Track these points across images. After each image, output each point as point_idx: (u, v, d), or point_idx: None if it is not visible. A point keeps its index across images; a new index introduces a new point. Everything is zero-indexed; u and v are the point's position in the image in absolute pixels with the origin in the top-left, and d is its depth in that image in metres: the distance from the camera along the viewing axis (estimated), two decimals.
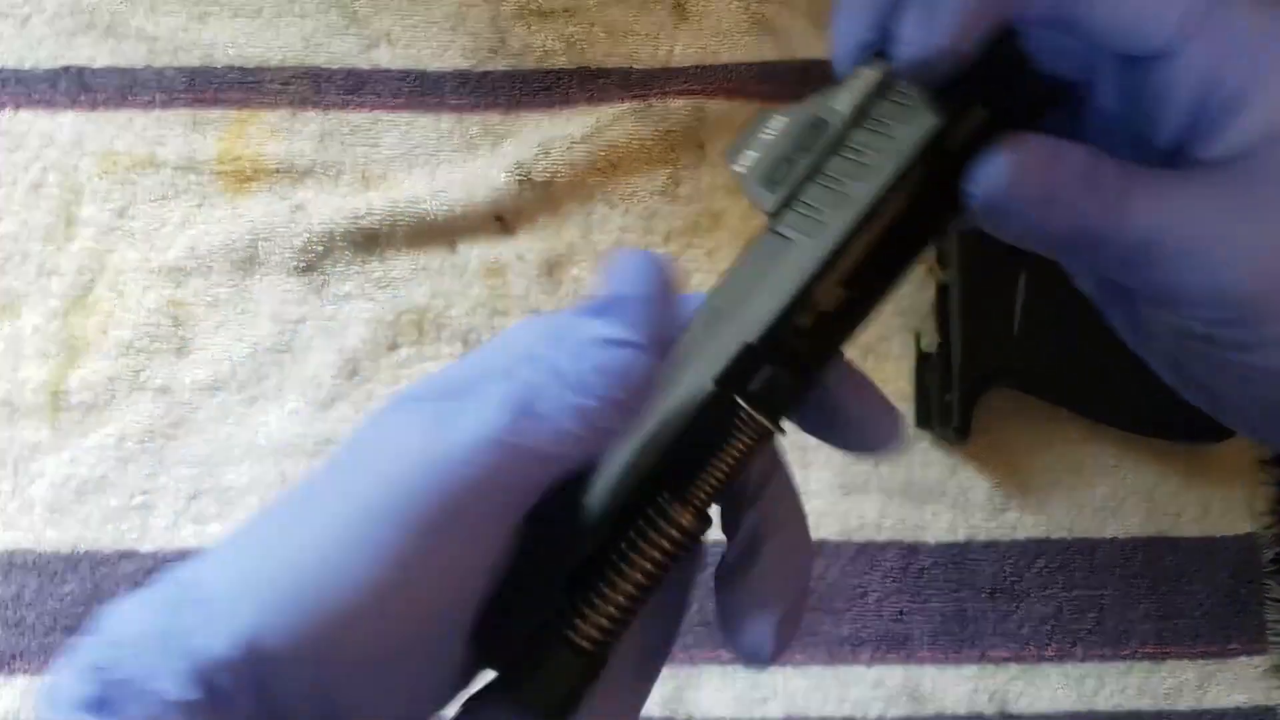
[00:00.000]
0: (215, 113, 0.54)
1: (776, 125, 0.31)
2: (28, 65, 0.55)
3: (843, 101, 0.30)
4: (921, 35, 0.27)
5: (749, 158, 0.31)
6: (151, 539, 0.52)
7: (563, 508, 0.28)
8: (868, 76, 0.30)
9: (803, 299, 0.29)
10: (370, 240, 0.54)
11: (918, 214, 0.29)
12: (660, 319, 0.27)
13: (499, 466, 0.25)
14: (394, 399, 0.28)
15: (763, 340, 0.28)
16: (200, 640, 0.24)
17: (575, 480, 0.28)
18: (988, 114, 0.29)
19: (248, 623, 0.24)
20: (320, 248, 0.53)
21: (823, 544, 0.52)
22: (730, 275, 0.30)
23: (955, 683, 0.51)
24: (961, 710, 0.51)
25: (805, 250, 0.29)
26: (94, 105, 0.54)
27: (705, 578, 0.52)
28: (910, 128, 0.29)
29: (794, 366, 0.29)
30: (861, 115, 0.30)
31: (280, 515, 0.26)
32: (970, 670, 0.52)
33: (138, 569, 0.51)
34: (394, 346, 0.53)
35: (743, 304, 0.29)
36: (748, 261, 0.30)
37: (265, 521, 0.26)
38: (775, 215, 0.30)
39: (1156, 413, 0.51)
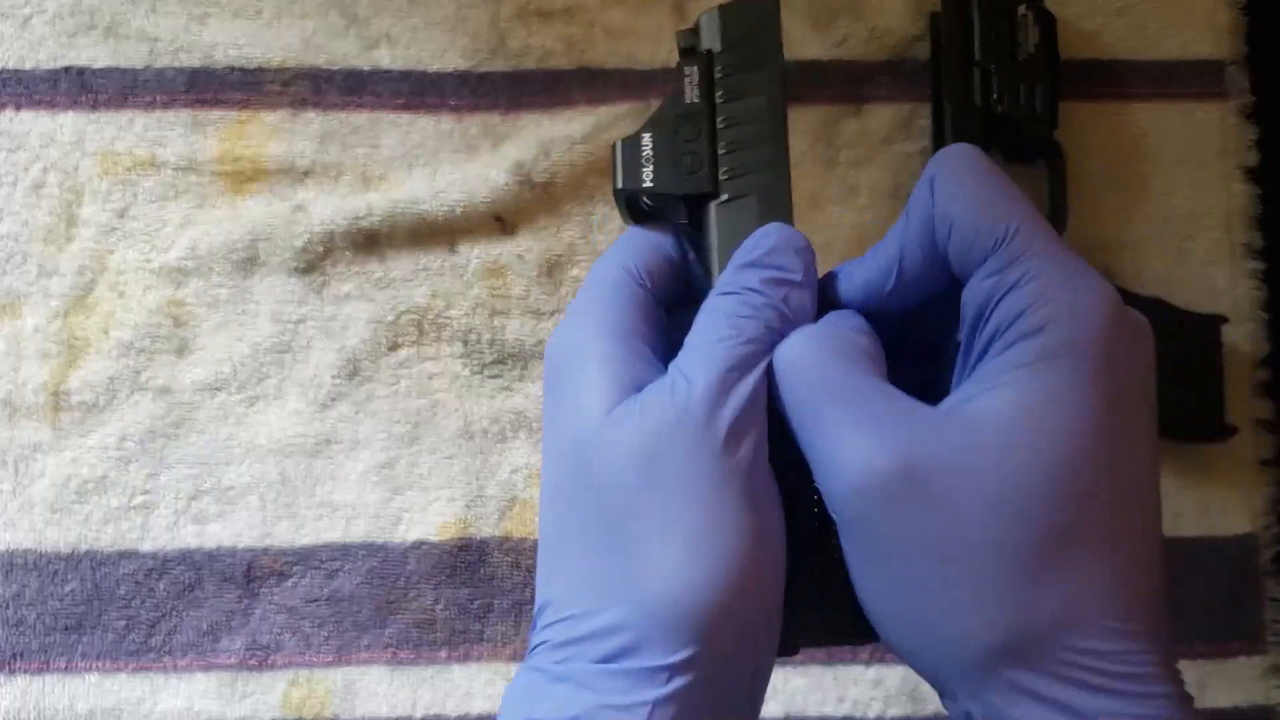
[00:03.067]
0: (216, 113, 0.55)
1: (648, 141, 0.36)
2: (28, 65, 0.55)
3: (689, 95, 0.36)
4: None
5: (649, 173, 0.36)
6: (152, 539, 0.52)
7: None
8: (694, 68, 0.36)
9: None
10: (370, 241, 0.54)
11: None
12: (804, 255, 0.34)
13: (755, 409, 0.31)
14: (589, 413, 0.32)
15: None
16: (659, 656, 0.29)
17: None
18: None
19: (694, 623, 0.29)
20: (320, 248, 0.53)
21: None
22: (721, 249, 0.35)
23: None
24: None
25: (770, 183, 0.35)
26: (95, 106, 0.54)
27: None
28: (763, 70, 0.36)
29: None
30: (711, 91, 0.36)
31: (611, 556, 0.30)
32: None
33: (138, 569, 0.52)
34: (394, 347, 0.53)
35: None
36: (723, 235, 0.35)
37: (608, 567, 0.30)
38: (715, 192, 0.35)
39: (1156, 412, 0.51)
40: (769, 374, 0.32)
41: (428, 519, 0.52)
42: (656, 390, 0.31)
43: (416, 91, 0.55)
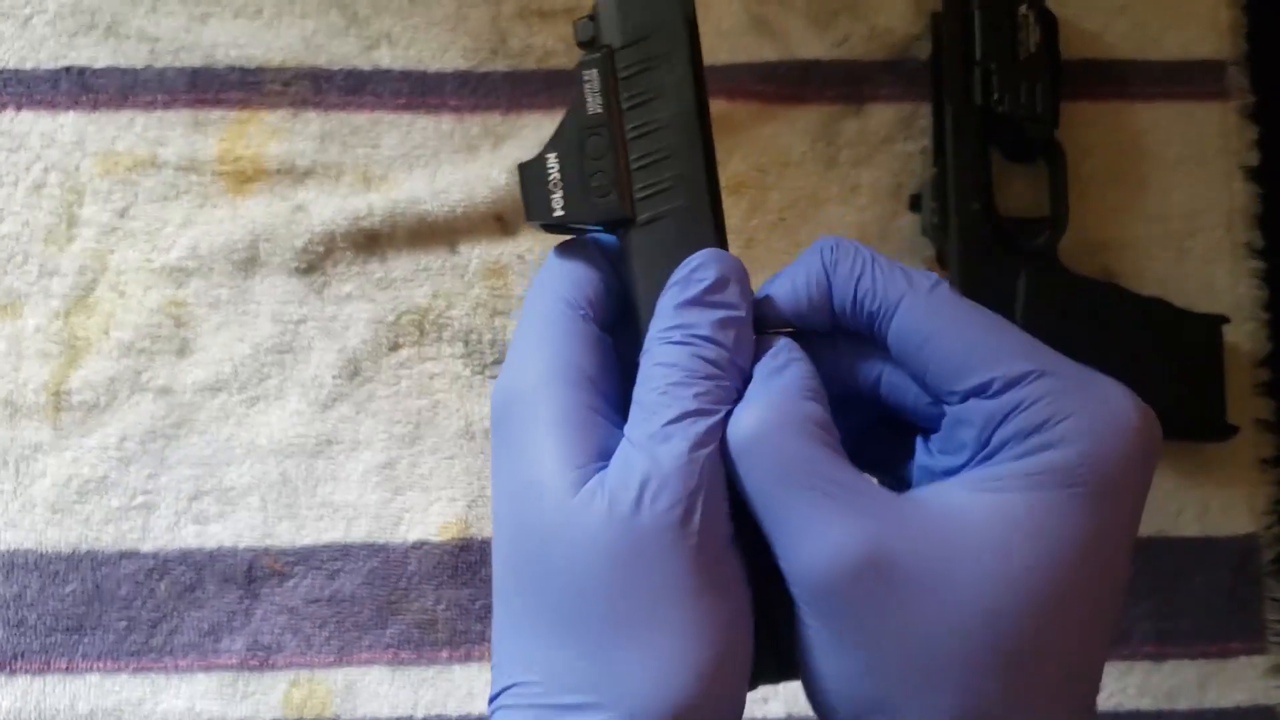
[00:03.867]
0: (216, 113, 0.55)
1: (553, 163, 0.32)
2: (29, 66, 0.55)
3: (592, 104, 0.32)
4: None
5: (559, 200, 0.32)
6: (153, 539, 0.52)
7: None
8: (593, 71, 0.32)
9: (718, 212, 0.32)
10: (371, 241, 0.54)
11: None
12: (742, 285, 0.31)
13: (706, 487, 0.30)
14: (552, 495, 0.31)
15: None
16: None
17: None
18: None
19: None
20: (321, 248, 0.53)
21: None
22: (645, 280, 0.32)
23: None
24: None
25: (688, 201, 0.31)
26: (95, 106, 0.54)
27: None
28: (672, 66, 0.31)
29: None
30: (617, 97, 0.32)
31: (594, 649, 0.30)
32: None
33: (139, 569, 0.52)
34: (395, 347, 0.53)
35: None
36: (644, 264, 0.32)
37: (590, 660, 0.30)
38: (635, 215, 0.32)
39: (1156, 412, 0.51)
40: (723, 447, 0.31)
41: (429, 519, 0.52)
42: (623, 476, 0.30)
43: (417, 91, 0.55)
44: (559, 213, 0.32)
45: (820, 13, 0.55)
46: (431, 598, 0.52)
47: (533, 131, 0.54)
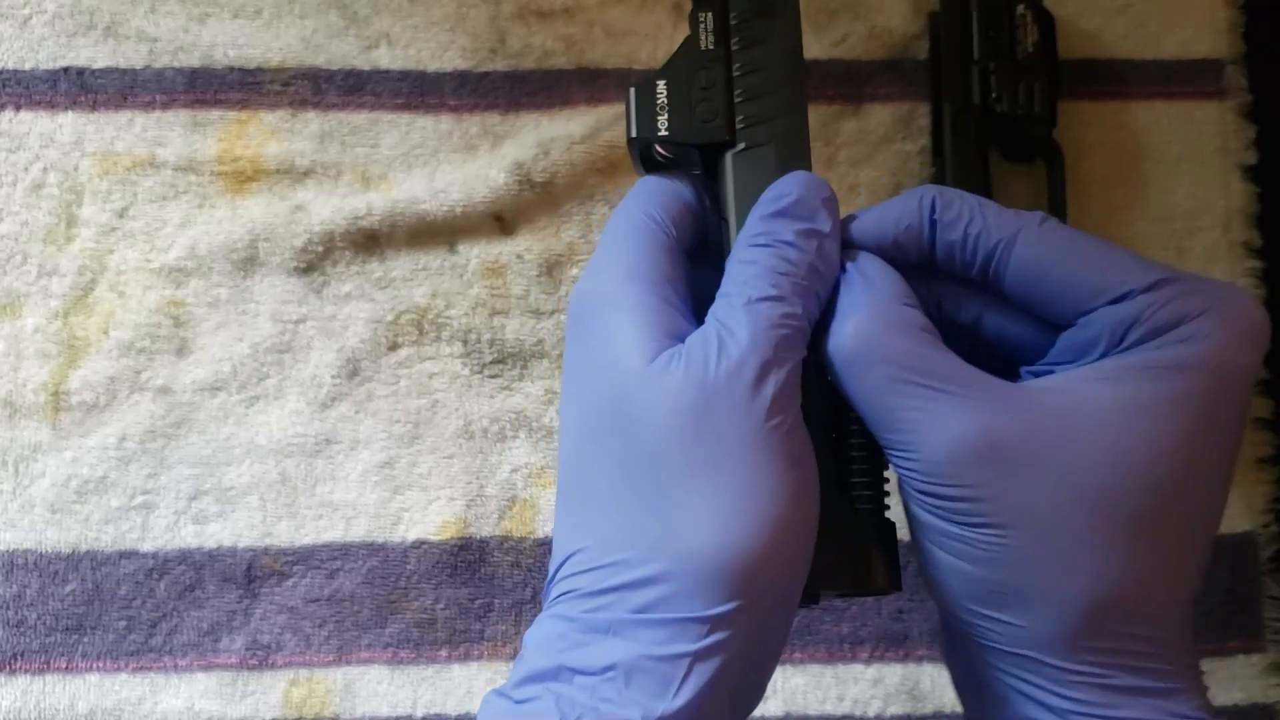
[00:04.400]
0: (215, 113, 0.55)
1: (663, 89, 0.35)
2: (28, 66, 0.55)
3: (704, 42, 0.35)
4: None
5: (664, 121, 0.35)
6: (152, 539, 0.52)
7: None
8: (708, 14, 0.36)
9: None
10: (370, 240, 0.54)
11: None
12: (830, 205, 0.34)
13: (793, 371, 0.31)
14: (624, 364, 0.32)
15: None
16: (699, 608, 0.29)
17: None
18: None
19: (737, 577, 0.29)
20: (320, 248, 0.54)
21: None
22: (739, 199, 0.35)
23: None
24: (959, 709, 0.51)
25: (788, 131, 0.35)
26: (94, 106, 0.54)
27: None
28: (780, 15, 0.35)
29: None
30: (726, 37, 0.35)
31: (652, 511, 0.30)
32: None
33: (139, 569, 0.52)
34: (394, 346, 0.53)
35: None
36: (741, 185, 0.35)
37: (648, 524, 0.30)
38: (732, 140, 0.35)
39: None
40: (822, 353, 0.33)
41: (428, 518, 0.52)
42: (702, 344, 0.31)
43: (416, 91, 0.55)
44: (663, 131, 0.35)
45: (818, 13, 0.55)
46: (430, 597, 0.52)
47: (532, 131, 0.54)
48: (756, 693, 0.32)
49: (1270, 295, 0.54)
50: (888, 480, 0.35)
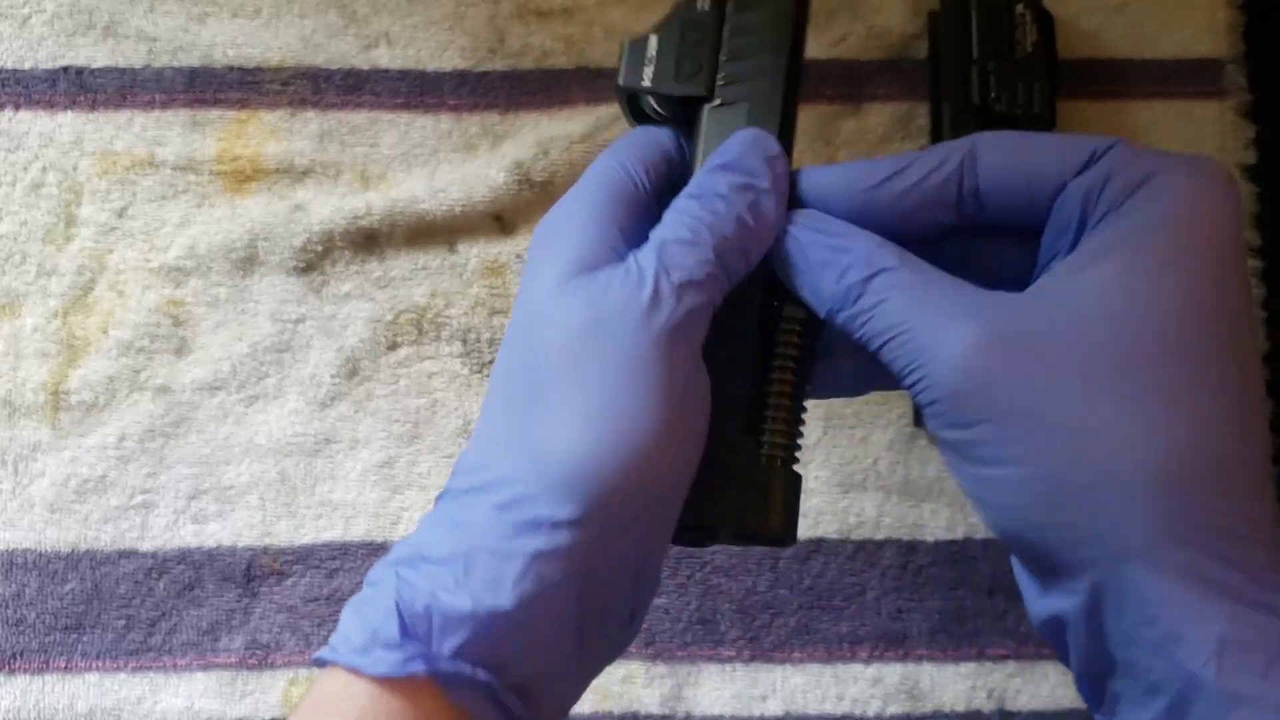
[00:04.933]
0: (214, 113, 0.55)
1: (653, 43, 0.37)
2: (27, 65, 0.55)
3: (701, 4, 0.37)
4: None
5: (649, 73, 0.36)
6: (152, 538, 0.52)
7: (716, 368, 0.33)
8: None
9: (789, 114, 0.36)
10: (369, 240, 0.54)
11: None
12: (772, 163, 0.34)
13: (695, 314, 0.32)
14: (542, 283, 0.33)
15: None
16: (544, 510, 0.30)
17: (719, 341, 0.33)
18: None
19: (585, 485, 0.30)
20: (319, 247, 0.54)
21: (821, 542, 0.52)
22: (706, 153, 0.35)
23: (953, 680, 0.51)
24: (960, 707, 0.51)
25: (763, 92, 0.35)
26: (93, 105, 0.54)
27: (700, 577, 0.53)
28: None
29: None
30: (722, 2, 0.36)
31: (528, 414, 0.31)
32: (968, 668, 0.52)
33: (138, 568, 0.52)
34: (393, 346, 0.53)
35: None
36: (710, 139, 0.35)
37: (522, 425, 0.31)
38: (709, 95, 0.36)
39: None
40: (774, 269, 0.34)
41: None
42: (609, 272, 0.32)
43: (415, 91, 0.55)
44: (646, 82, 0.36)
45: (818, 13, 0.55)
46: None
47: (531, 130, 0.54)
48: (606, 625, 0.32)
49: (1270, 295, 0.54)
50: (802, 435, 0.36)
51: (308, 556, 0.52)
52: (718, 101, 0.36)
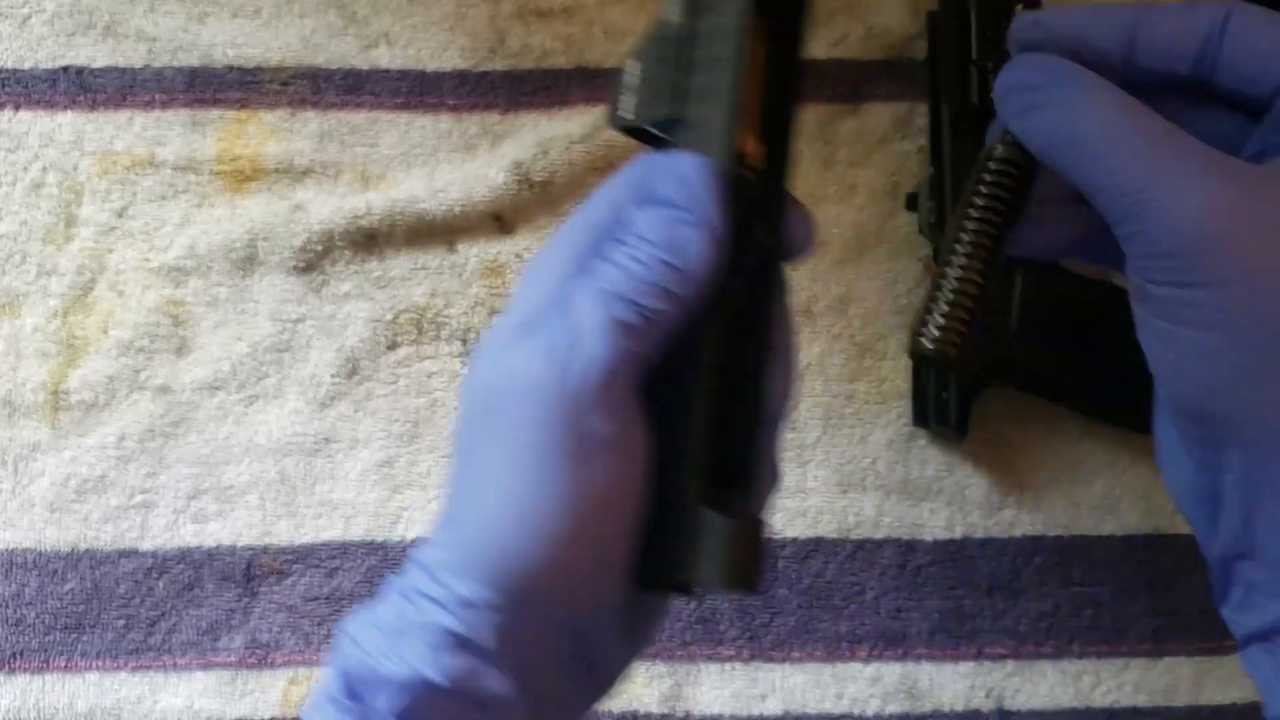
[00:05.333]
0: (214, 113, 0.55)
1: (633, 69, 0.33)
2: (27, 65, 0.55)
3: (670, 12, 0.32)
4: None
5: (628, 102, 0.32)
6: (151, 538, 0.52)
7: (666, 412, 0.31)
8: None
9: (732, 133, 0.31)
10: (369, 240, 0.54)
11: (782, 61, 0.33)
12: (720, 211, 0.31)
13: (615, 371, 0.29)
14: (493, 340, 0.31)
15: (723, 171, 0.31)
16: (464, 589, 0.29)
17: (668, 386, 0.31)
18: None
19: (473, 589, 0.29)
20: (319, 247, 0.54)
21: (820, 541, 0.52)
22: None
23: (952, 679, 0.51)
24: (959, 707, 0.51)
25: (711, 102, 0.31)
26: (93, 105, 0.55)
27: None
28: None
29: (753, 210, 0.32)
30: (693, 13, 0.32)
31: (461, 487, 0.31)
32: (967, 667, 0.52)
33: (138, 568, 0.52)
34: (393, 345, 0.53)
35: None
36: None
37: (455, 497, 0.31)
38: (682, 118, 0.32)
39: (1152, 410, 0.51)
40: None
41: (427, 517, 0.52)
42: (546, 333, 0.30)
43: (415, 91, 0.55)
44: (626, 114, 0.32)
45: (817, 12, 0.55)
46: None
47: (531, 130, 0.54)
48: (574, 679, 0.32)
49: None
50: (983, 285, 0.34)
51: (308, 556, 0.52)
52: (686, 127, 0.32)
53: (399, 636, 0.30)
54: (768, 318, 0.33)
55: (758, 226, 0.32)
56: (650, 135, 0.33)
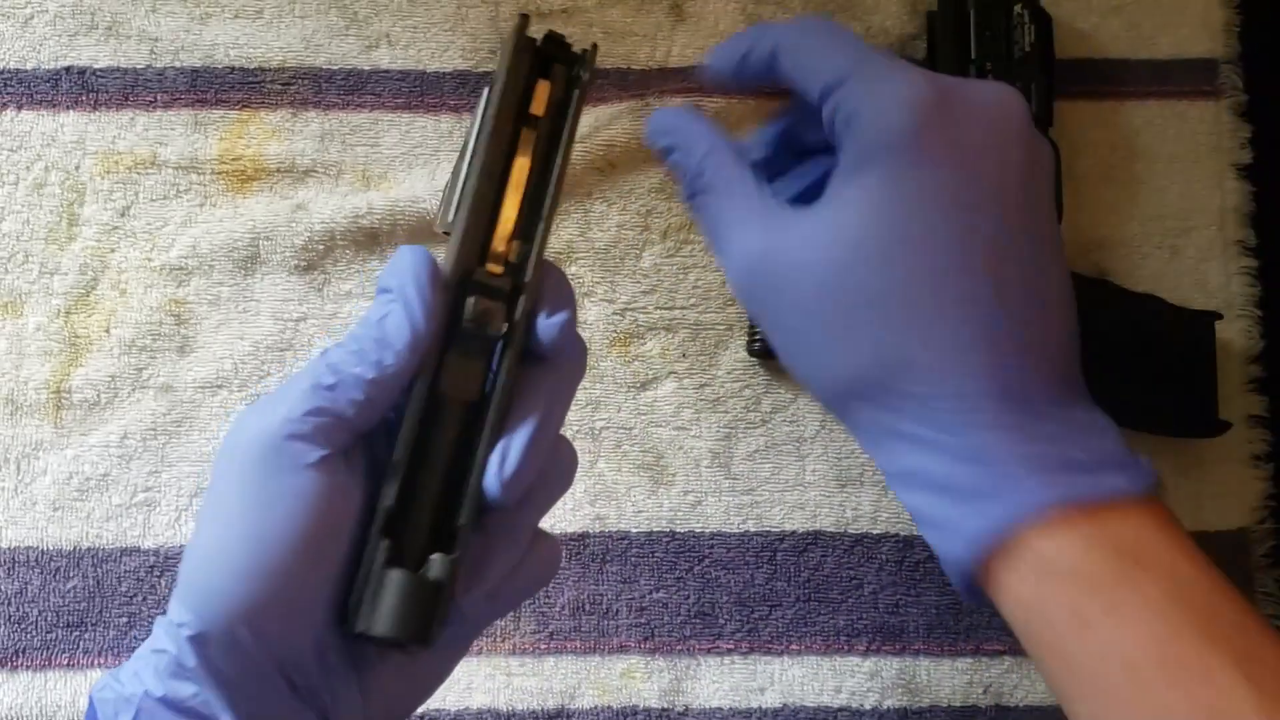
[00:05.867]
0: (216, 113, 0.55)
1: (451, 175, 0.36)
2: (30, 65, 0.55)
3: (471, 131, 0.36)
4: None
5: (439, 213, 0.36)
6: (154, 536, 0.52)
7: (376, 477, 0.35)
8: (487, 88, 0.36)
9: (468, 248, 0.35)
10: (371, 239, 0.54)
11: (546, 164, 0.37)
12: (423, 294, 0.34)
13: (306, 425, 0.33)
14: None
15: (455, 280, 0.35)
16: (180, 616, 0.33)
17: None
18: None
19: (180, 615, 0.33)
20: (321, 246, 0.54)
21: (818, 534, 0.52)
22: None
23: (950, 675, 0.51)
24: (956, 702, 0.51)
25: (459, 215, 0.35)
26: (96, 105, 0.55)
27: (699, 570, 0.53)
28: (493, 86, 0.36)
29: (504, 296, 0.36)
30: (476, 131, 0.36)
31: (195, 528, 0.34)
32: (965, 663, 0.52)
33: (140, 565, 0.52)
34: None
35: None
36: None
37: (198, 538, 0.34)
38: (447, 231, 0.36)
39: (1149, 408, 0.52)
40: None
41: None
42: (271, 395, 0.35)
43: (416, 91, 0.55)
44: (436, 226, 0.36)
45: (816, 12, 0.56)
46: None
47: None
48: (295, 708, 0.34)
49: (1266, 294, 0.55)
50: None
51: None
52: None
53: (140, 660, 0.34)
54: (501, 397, 0.35)
55: (498, 311, 0.35)
56: None
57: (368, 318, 0.34)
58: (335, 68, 0.55)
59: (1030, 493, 0.33)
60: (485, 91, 0.36)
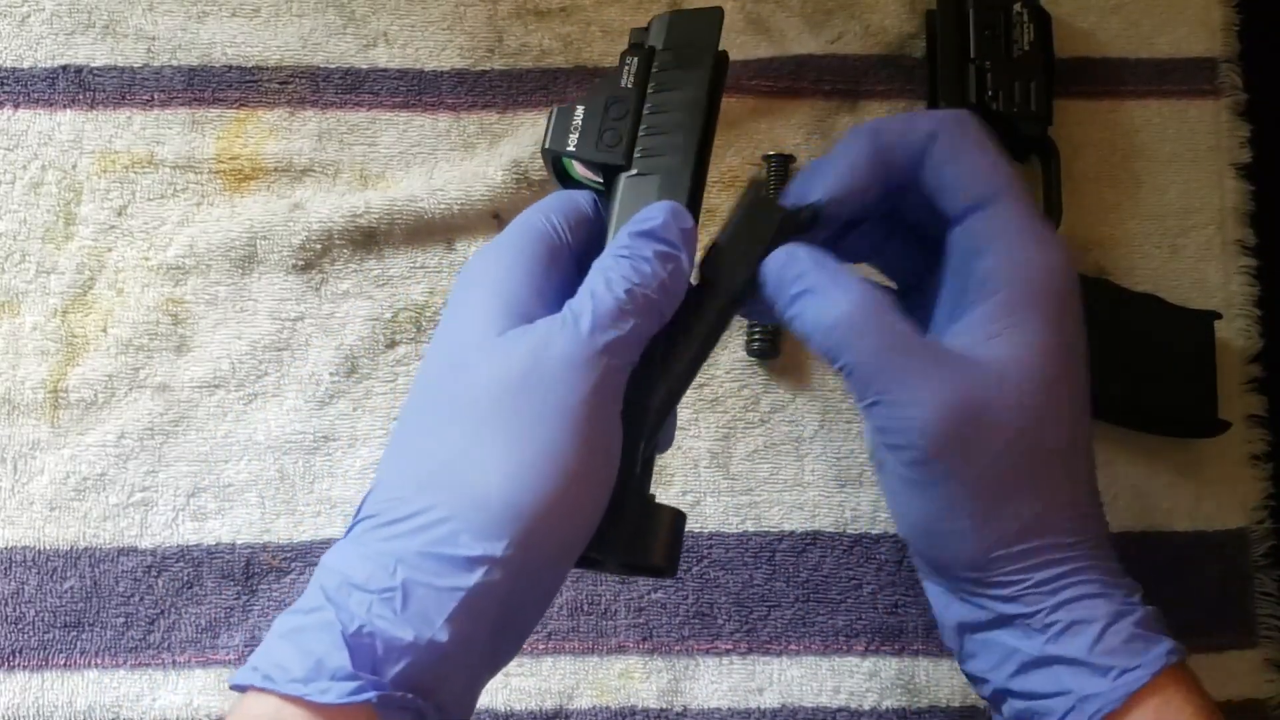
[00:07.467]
0: (214, 112, 0.55)
1: (580, 113, 0.40)
2: (26, 64, 0.55)
3: (625, 80, 0.40)
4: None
5: (574, 139, 0.40)
6: (151, 535, 0.52)
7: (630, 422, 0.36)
8: (634, 59, 0.40)
9: (697, 188, 0.40)
10: (368, 238, 0.54)
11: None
12: (687, 235, 0.37)
13: (609, 364, 0.34)
14: (471, 333, 0.36)
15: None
16: (479, 548, 0.33)
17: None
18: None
19: (516, 525, 0.33)
20: (318, 246, 0.54)
21: (817, 534, 0.52)
22: (620, 216, 0.39)
23: (949, 675, 0.51)
24: (955, 702, 0.51)
25: (675, 167, 0.39)
26: (93, 104, 0.55)
27: (697, 570, 0.53)
28: (696, 71, 0.40)
29: None
30: (645, 81, 0.40)
31: (479, 442, 0.34)
32: None
33: (137, 565, 0.52)
34: (392, 344, 0.54)
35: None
36: (625, 204, 0.39)
37: (469, 449, 0.34)
38: (626, 165, 0.40)
39: (1149, 408, 0.52)
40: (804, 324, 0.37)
41: None
42: (547, 324, 0.35)
43: (414, 90, 0.55)
44: (571, 148, 0.40)
45: (815, 11, 0.56)
46: None
47: (529, 130, 0.55)
48: (517, 639, 0.36)
49: (1265, 293, 0.55)
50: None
51: (307, 554, 0.52)
52: (634, 171, 0.40)
53: (405, 601, 0.32)
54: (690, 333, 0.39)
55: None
56: (570, 174, 0.41)
57: (642, 257, 0.36)
58: (333, 66, 0.55)
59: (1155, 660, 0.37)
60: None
